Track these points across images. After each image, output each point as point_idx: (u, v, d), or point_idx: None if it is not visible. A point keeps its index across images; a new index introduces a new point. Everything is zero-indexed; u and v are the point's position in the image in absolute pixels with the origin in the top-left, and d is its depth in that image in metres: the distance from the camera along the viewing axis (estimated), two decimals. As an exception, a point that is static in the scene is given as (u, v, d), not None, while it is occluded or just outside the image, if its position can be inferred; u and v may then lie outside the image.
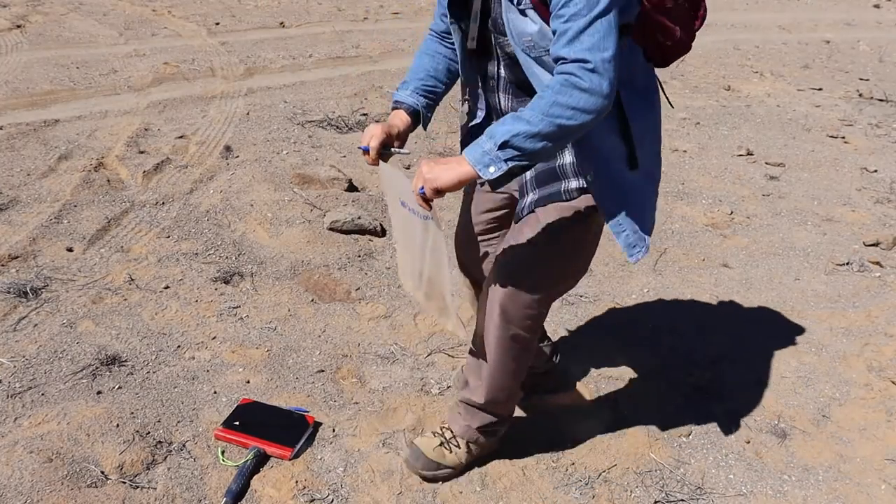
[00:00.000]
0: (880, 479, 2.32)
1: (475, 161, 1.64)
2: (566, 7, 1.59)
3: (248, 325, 2.88)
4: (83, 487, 2.04)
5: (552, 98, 1.59)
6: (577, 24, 1.58)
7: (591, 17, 1.57)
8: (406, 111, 1.99)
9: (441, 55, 2.07)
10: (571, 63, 1.59)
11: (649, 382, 2.71)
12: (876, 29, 10.11)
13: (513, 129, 1.61)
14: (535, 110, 1.61)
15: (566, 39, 1.59)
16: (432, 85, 2.04)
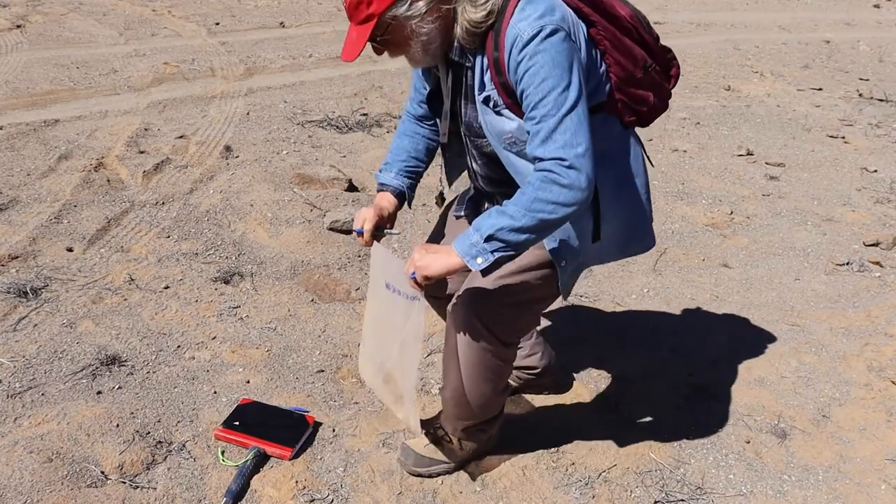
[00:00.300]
0: (880, 479, 2.32)
1: (464, 252, 1.72)
2: (536, 109, 1.67)
3: (248, 325, 2.88)
4: (83, 487, 2.04)
5: (534, 194, 1.67)
6: (548, 125, 1.66)
7: (560, 115, 1.66)
8: (392, 193, 2.08)
9: (420, 135, 2.15)
10: (548, 161, 1.67)
11: (649, 382, 2.71)
12: (876, 29, 10.11)
13: (497, 223, 1.69)
14: (518, 205, 1.69)
15: (539, 139, 1.68)
16: (414, 165, 2.13)
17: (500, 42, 1.71)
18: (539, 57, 1.66)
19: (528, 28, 1.66)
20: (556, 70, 1.66)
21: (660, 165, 4.81)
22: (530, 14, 1.68)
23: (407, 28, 1.73)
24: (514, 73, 1.70)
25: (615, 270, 3.49)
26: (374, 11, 1.69)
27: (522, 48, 1.67)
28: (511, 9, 1.70)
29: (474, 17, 1.71)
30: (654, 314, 3.16)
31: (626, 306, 3.20)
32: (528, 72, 1.67)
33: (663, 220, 4.05)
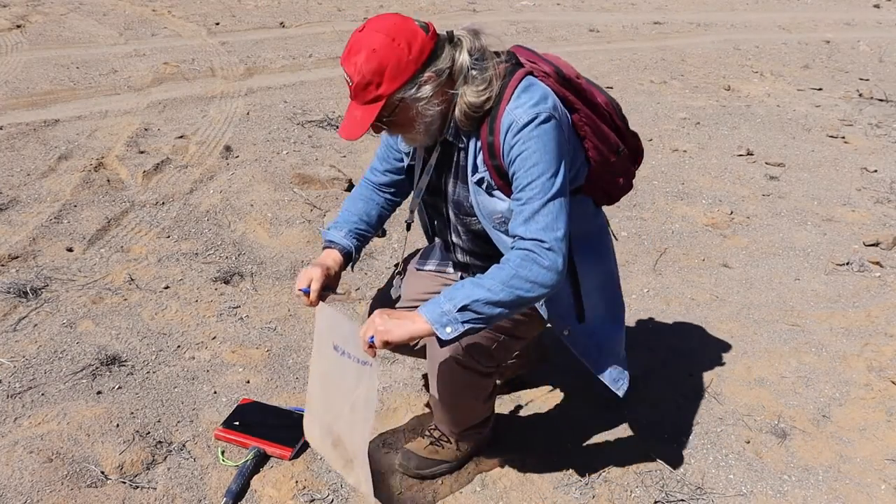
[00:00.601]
0: (880, 479, 2.32)
1: (433, 320, 1.70)
2: (524, 191, 1.75)
3: (248, 325, 2.88)
4: (83, 487, 2.04)
5: (513, 271, 1.72)
6: (533, 206, 1.74)
7: (545, 199, 1.74)
8: (340, 252, 2.05)
9: (374, 202, 2.14)
10: (529, 241, 1.74)
11: (649, 382, 2.71)
12: (876, 29, 10.11)
13: (474, 294, 1.70)
14: (495, 279, 1.71)
15: (523, 219, 1.75)
16: (364, 229, 2.11)
17: (495, 127, 1.77)
18: (532, 143, 1.73)
19: (524, 114, 1.73)
20: (546, 156, 1.74)
21: (660, 165, 4.81)
22: (526, 101, 1.75)
23: (413, 110, 1.75)
24: (507, 156, 1.77)
25: (615, 270, 3.49)
26: (384, 93, 1.69)
27: (517, 133, 1.73)
28: (508, 96, 1.76)
29: (474, 101, 1.76)
30: (654, 314, 3.16)
31: (627, 306, 3.19)
32: (521, 155, 1.74)
33: (663, 220, 4.06)
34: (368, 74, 1.67)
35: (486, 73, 1.76)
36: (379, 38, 1.67)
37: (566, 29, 8.74)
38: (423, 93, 1.72)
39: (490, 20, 8.87)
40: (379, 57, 1.66)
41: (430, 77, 1.72)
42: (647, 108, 6.02)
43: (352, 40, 1.70)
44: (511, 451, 2.30)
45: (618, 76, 6.88)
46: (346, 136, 1.75)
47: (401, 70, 1.68)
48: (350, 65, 1.69)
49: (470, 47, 1.77)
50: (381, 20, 1.72)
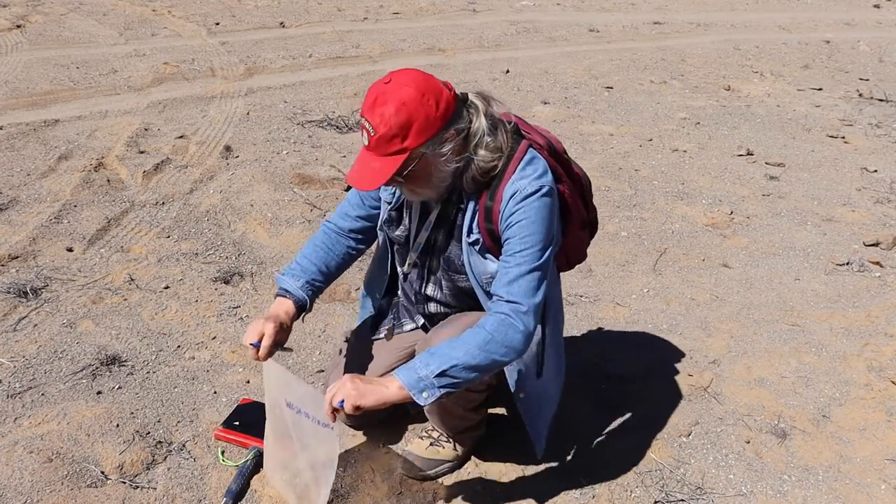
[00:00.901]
0: (880, 479, 2.32)
1: (410, 385, 1.69)
2: (513, 256, 1.82)
3: (248, 324, 2.88)
4: (83, 487, 2.04)
5: (489, 336, 1.76)
6: (519, 270, 1.81)
7: (531, 267, 1.81)
8: (294, 303, 2.03)
9: (335, 253, 2.13)
10: (507, 304, 1.80)
11: (649, 382, 2.71)
12: (876, 29, 10.11)
13: (451, 359, 1.71)
14: (471, 344, 1.74)
15: (507, 280, 1.82)
16: (321, 281, 2.10)
17: (497, 194, 1.82)
18: (532, 213, 1.80)
19: (529, 186, 1.80)
20: (541, 228, 1.82)
21: (660, 165, 4.81)
22: (530, 174, 1.82)
23: (431, 165, 1.77)
24: (505, 221, 1.83)
25: (615, 270, 3.49)
26: (409, 146, 1.69)
27: (521, 201, 1.80)
28: (513, 167, 1.83)
29: (485, 167, 1.81)
30: (654, 314, 3.16)
31: (626, 306, 3.20)
32: (520, 223, 1.81)
33: (663, 220, 4.06)
34: (396, 127, 1.67)
35: (497, 141, 1.81)
36: (408, 92, 1.67)
37: (566, 29, 8.74)
38: (444, 149, 1.75)
39: (490, 20, 8.87)
40: (409, 110, 1.66)
41: (452, 135, 1.75)
42: (647, 108, 6.02)
43: (377, 91, 1.70)
44: (511, 451, 2.30)
45: (618, 76, 6.87)
46: (362, 187, 1.74)
47: (429, 125, 1.69)
48: (376, 115, 1.68)
49: (485, 112, 1.81)
50: (407, 74, 1.72)
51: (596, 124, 5.53)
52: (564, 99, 6.08)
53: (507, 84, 6.35)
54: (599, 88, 6.44)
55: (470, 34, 8.04)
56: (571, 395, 2.61)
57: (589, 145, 5.07)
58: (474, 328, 1.79)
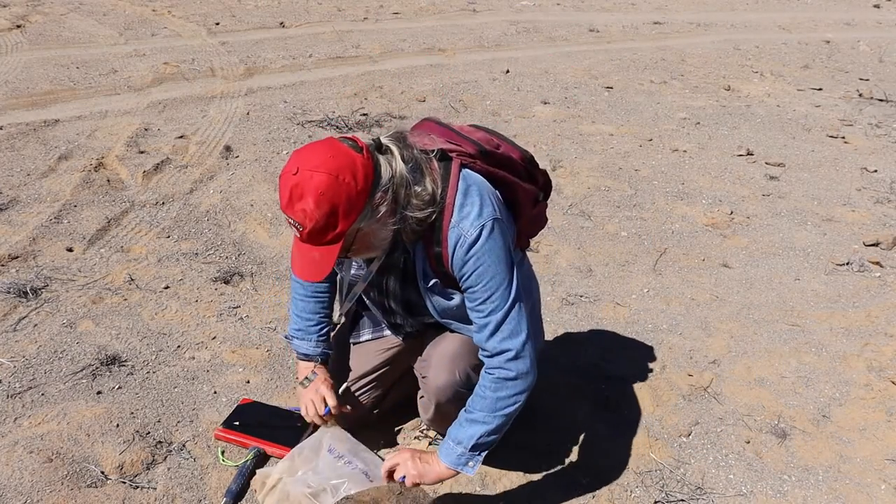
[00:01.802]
0: (880, 479, 2.32)
1: (454, 464, 1.85)
2: (485, 304, 1.81)
3: (248, 325, 2.88)
4: (83, 487, 2.04)
5: (494, 395, 1.83)
6: (496, 318, 1.81)
7: (506, 308, 1.80)
8: (320, 361, 2.18)
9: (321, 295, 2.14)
10: (496, 357, 1.83)
11: (649, 382, 2.71)
12: (876, 29, 10.11)
13: (475, 432, 1.83)
14: (483, 411, 1.83)
15: (488, 333, 1.83)
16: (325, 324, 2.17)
17: (441, 238, 1.79)
18: (485, 257, 1.77)
19: (472, 229, 1.76)
20: (500, 266, 1.79)
21: (660, 165, 4.81)
22: (469, 212, 1.76)
23: (371, 234, 1.73)
24: (459, 270, 1.80)
25: (615, 270, 3.49)
26: (342, 230, 1.62)
27: (469, 249, 1.76)
28: (450, 205, 1.76)
29: (421, 217, 1.75)
30: (654, 314, 3.16)
31: (626, 306, 3.20)
32: (476, 272, 1.78)
33: (663, 220, 4.06)
34: (322, 219, 1.59)
35: (425, 187, 1.74)
36: (321, 179, 1.56)
37: (566, 29, 8.74)
38: (378, 215, 1.69)
39: (490, 20, 8.87)
40: (328, 199, 1.57)
41: (381, 197, 1.67)
42: (647, 108, 6.02)
43: (289, 185, 1.59)
44: (511, 451, 2.30)
45: (618, 76, 6.87)
46: (309, 279, 1.69)
47: (353, 205, 1.60)
48: (297, 212, 1.59)
49: (401, 155, 1.72)
50: (311, 156, 1.60)
51: (596, 124, 5.52)
52: (564, 99, 6.07)
53: (507, 84, 6.35)
54: (599, 88, 6.44)
55: (470, 34, 8.04)
56: (571, 395, 2.61)
57: (589, 145, 5.07)
58: (477, 397, 1.85)
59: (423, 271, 1.87)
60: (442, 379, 2.00)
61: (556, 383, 2.64)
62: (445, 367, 1.99)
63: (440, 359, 2.01)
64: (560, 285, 3.33)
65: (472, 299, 1.83)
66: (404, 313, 2.06)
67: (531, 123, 5.43)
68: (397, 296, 2.00)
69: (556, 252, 3.61)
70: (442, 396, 2.02)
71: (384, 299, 2.04)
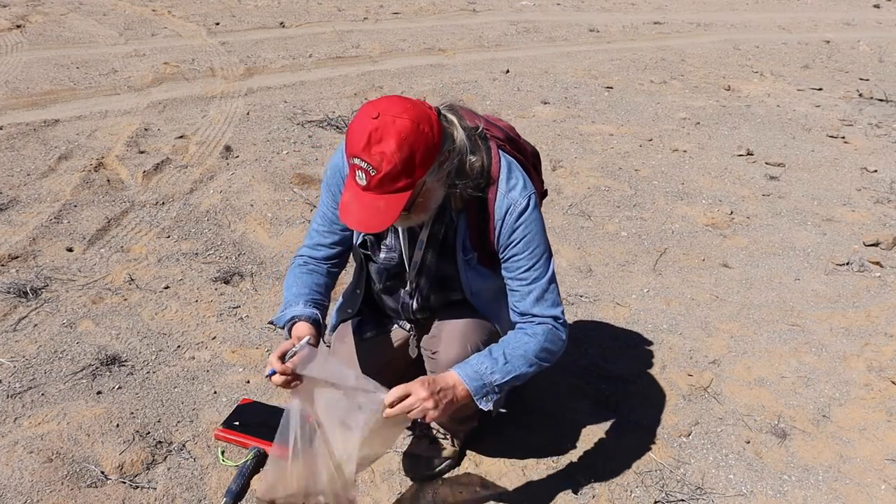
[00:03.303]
0: (880, 479, 2.32)
1: (475, 391, 1.77)
2: (529, 272, 1.87)
3: (248, 325, 2.88)
4: (83, 487, 2.04)
5: (542, 345, 1.84)
6: (541, 285, 1.87)
7: (548, 277, 1.88)
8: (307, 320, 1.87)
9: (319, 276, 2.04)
10: (548, 318, 1.87)
11: (649, 382, 2.71)
12: (876, 29, 10.11)
13: (513, 370, 1.81)
14: (529, 354, 1.83)
15: (534, 298, 1.87)
16: (319, 297, 1.98)
17: (488, 212, 1.83)
18: (533, 226, 1.86)
19: (521, 199, 1.83)
20: (543, 237, 1.89)
21: (660, 165, 4.81)
22: (515, 185, 1.84)
23: (432, 191, 1.73)
24: (508, 238, 1.85)
25: (615, 270, 3.49)
26: (417, 178, 1.63)
27: (519, 217, 1.83)
28: (496, 179, 1.83)
29: (474, 184, 1.79)
30: (654, 314, 3.16)
31: (626, 306, 3.20)
32: (525, 239, 1.85)
33: (663, 220, 4.06)
34: (401, 164, 1.59)
35: (478, 156, 1.80)
36: (404, 124, 1.59)
37: (566, 29, 8.74)
38: (442, 171, 1.71)
39: (490, 20, 8.87)
40: (410, 143, 1.59)
41: (446, 156, 1.70)
42: (647, 108, 6.02)
43: (368, 128, 1.59)
44: (511, 451, 2.30)
45: (618, 76, 6.87)
46: (372, 229, 1.66)
47: (430, 154, 1.63)
48: (374, 155, 1.58)
49: (461, 126, 1.77)
50: (391, 104, 1.62)
51: (596, 124, 5.53)
52: (564, 99, 6.07)
53: (507, 84, 6.35)
54: (599, 88, 6.44)
55: (470, 34, 8.04)
56: (571, 395, 2.61)
57: (589, 145, 5.07)
58: (526, 337, 1.84)
59: (464, 244, 1.90)
60: (453, 352, 1.96)
61: (556, 383, 2.64)
62: (457, 341, 1.98)
63: (451, 333, 2.00)
64: (560, 285, 3.31)
65: (515, 267, 1.88)
66: (434, 290, 2.02)
67: (531, 123, 5.43)
68: (432, 271, 1.99)
69: (556, 252, 3.61)
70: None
71: (418, 277, 2.01)
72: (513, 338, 1.86)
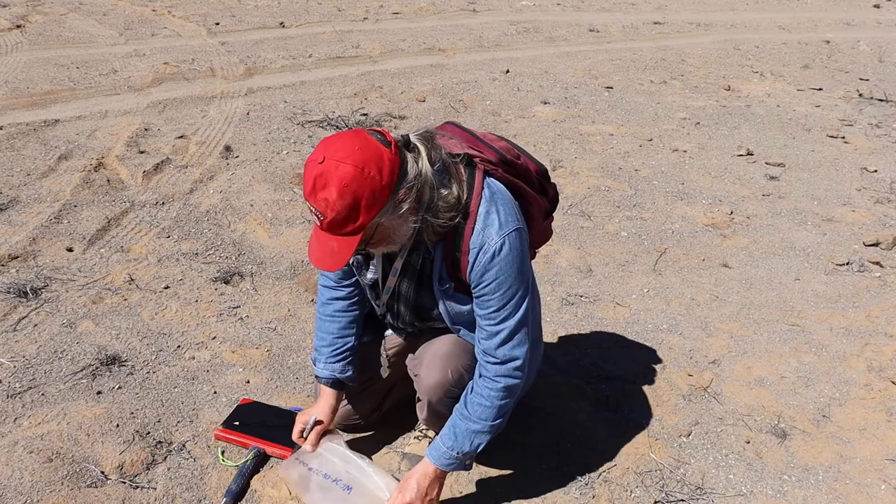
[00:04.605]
0: (880, 479, 2.32)
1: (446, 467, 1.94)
2: (499, 312, 1.84)
3: (248, 325, 2.88)
4: (83, 487, 2.04)
5: (498, 404, 1.89)
6: (509, 326, 1.84)
7: (518, 317, 1.84)
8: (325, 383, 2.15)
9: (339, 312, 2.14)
10: (505, 365, 1.87)
11: (649, 382, 2.71)
12: (876, 29, 10.11)
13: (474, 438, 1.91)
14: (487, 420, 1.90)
15: (499, 340, 1.86)
16: (340, 349, 2.14)
17: (462, 246, 1.80)
18: (506, 267, 1.79)
19: (496, 238, 1.77)
20: (519, 276, 1.82)
21: (660, 165, 4.81)
22: (494, 221, 1.78)
23: (391, 229, 1.72)
24: (479, 278, 1.81)
25: (615, 270, 3.49)
26: (363, 223, 1.63)
27: (492, 258, 1.78)
28: (473, 213, 1.79)
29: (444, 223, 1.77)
30: (654, 314, 3.16)
31: (626, 306, 3.20)
32: (496, 281, 1.80)
33: (663, 220, 4.06)
34: (344, 211, 1.59)
35: (451, 191, 1.75)
36: (346, 170, 1.57)
37: (566, 29, 8.74)
38: (400, 211, 1.69)
39: (490, 20, 8.87)
40: (352, 191, 1.57)
41: (405, 193, 1.67)
42: (647, 108, 6.02)
43: (314, 173, 1.59)
44: (511, 451, 2.30)
45: (618, 76, 6.87)
46: (327, 268, 1.69)
47: (376, 199, 1.60)
48: (319, 201, 1.59)
49: (429, 156, 1.73)
50: (339, 146, 1.60)
51: (596, 124, 5.53)
52: (564, 99, 6.08)
53: (507, 84, 6.35)
54: (599, 88, 6.44)
55: (470, 34, 8.04)
56: (571, 395, 2.61)
57: (589, 145, 5.07)
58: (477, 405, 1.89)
59: (440, 274, 1.87)
60: (434, 378, 1.99)
61: (556, 383, 2.64)
62: (437, 367, 1.99)
63: (432, 358, 2.01)
64: (560, 285, 3.33)
65: (485, 306, 1.84)
66: (413, 317, 2.03)
67: (531, 123, 5.43)
68: (409, 299, 1.97)
69: (556, 252, 3.61)
70: (433, 395, 2.02)
71: (395, 303, 2.02)
72: (473, 409, 1.90)
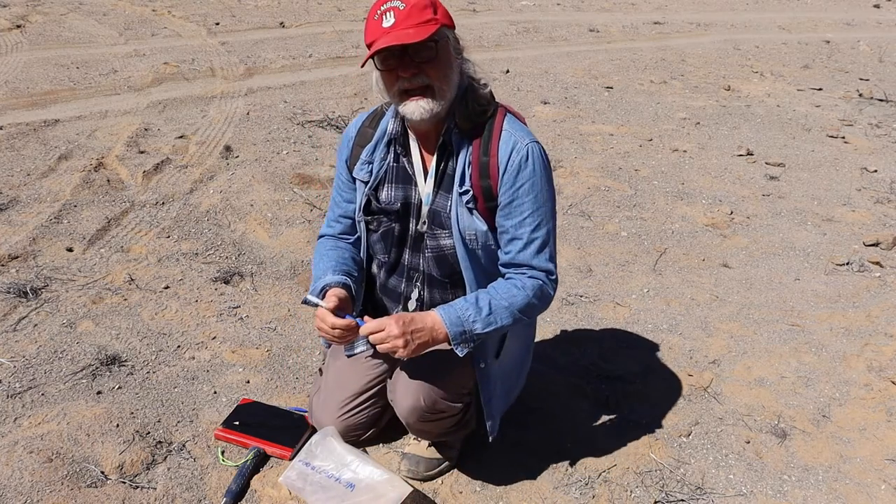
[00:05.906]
0: (880, 479, 2.32)
1: (455, 337, 1.77)
2: (532, 216, 1.82)
3: (248, 325, 2.88)
4: (83, 487, 2.04)
5: (528, 300, 1.82)
6: (543, 234, 1.83)
7: (550, 226, 1.85)
8: (337, 285, 1.91)
9: (342, 248, 2.08)
10: (540, 272, 1.85)
11: (649, 382, 2.71)
12: (876, 29, 10.11)
13: (494, 321, 1.79)
14: (514, 306, 1.80)
15: (535, 248, 1.84)
16: (347, 269, 2.00)
17: (491, 148, 1.80)
18: (540, 170, 1.81)
19: (528, 139, 1.81)
20: (549, 184, 1.84)
21: (660, 165, 4.81)
22: (522, 129, 1.84)
23: (450, 56, 1.79)
24: (513, 178, 1.80)
25: (615, 270, 3.49)
26: (440, 19, 1.74)
27: (527, 158, 1.80)
28: (501, 118, 1.84)
29: (482, 98, 1.82)
30: (654, 314, 3.16)
31: (626, 306, 3.20)
32: (530, 182, 1.80)
33: (663, 220, 4.06)
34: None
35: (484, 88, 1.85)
36: None
37: (566, 29, 8.74)
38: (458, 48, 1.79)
39: (490, 20, 8.87)
40: None
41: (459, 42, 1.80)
42: (647, 108, 6.02)
43: None
44: (511, 451, 2.30)
45: (618, 76, 6.87)
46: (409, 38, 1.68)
47: (447, 13, 1.77)
48: None
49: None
50: None
51: (596, 124, 5.53)
52: (564, 99, 6.07)
53: (507, 84, 6.35)
54: (599, 88, 6.44)
55: (470, 34, 8.04)
56: (571, 394, 2.61)
57: (589, 145, 5.07)
58: (515, 290, 1.81)
59: (462, 176, 1.85)
60: (407, 403, 1.99)
61: (556, 383, 2.64)
62: (411, 393, 1.99)
63: (406, 384, 2.00)
64: (560, 285, 3.32)
65: (517, 213, 1.82)
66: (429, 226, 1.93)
67: (531, 123, 5.43)
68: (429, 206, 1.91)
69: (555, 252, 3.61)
70: (410, 418, 2.02)
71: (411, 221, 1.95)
72: (501, 288, 1.82)
